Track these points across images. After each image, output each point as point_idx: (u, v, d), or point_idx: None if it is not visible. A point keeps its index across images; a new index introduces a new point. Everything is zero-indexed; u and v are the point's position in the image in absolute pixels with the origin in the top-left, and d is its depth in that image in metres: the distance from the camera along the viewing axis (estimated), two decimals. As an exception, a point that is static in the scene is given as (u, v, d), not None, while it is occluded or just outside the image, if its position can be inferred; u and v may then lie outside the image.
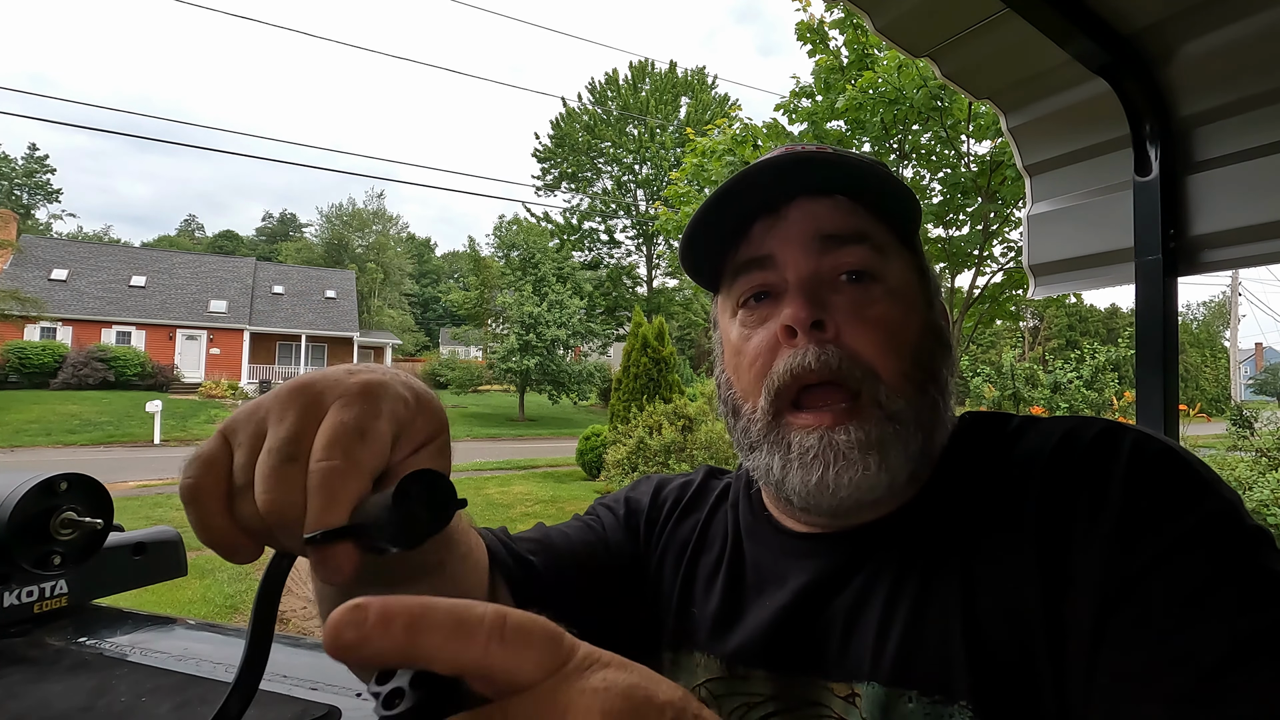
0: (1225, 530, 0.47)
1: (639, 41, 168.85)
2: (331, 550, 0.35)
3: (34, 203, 55.06)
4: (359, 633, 0.23)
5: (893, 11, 1.50)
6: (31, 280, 27.15)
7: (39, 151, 55.42)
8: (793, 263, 0.61)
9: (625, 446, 9.76)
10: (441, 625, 0.23)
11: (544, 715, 0.23)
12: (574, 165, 34.67)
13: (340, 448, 0.36)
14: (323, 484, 0.35)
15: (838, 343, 0.58)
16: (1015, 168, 2.77)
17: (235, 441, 0.38)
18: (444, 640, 0.23)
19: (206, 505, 0.37)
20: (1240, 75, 1.32)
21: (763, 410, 0.61)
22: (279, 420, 0.38)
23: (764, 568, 0.68)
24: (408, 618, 0.23)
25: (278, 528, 0.36)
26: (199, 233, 77.62)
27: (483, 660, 0.23)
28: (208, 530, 0.37)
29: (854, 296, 0.60)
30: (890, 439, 0.57)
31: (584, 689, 0.24)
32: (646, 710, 0.24)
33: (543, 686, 0.24)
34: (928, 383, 0.61)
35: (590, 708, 0.23)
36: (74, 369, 23.61)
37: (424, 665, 0.23)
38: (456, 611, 0.23)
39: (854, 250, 0.60)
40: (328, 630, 0.23)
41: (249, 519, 0.37)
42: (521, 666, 0.24)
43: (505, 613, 0.24)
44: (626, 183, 34.43)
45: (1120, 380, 10.92)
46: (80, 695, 0.63)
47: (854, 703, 0.56)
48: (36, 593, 0.82)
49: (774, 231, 0.62)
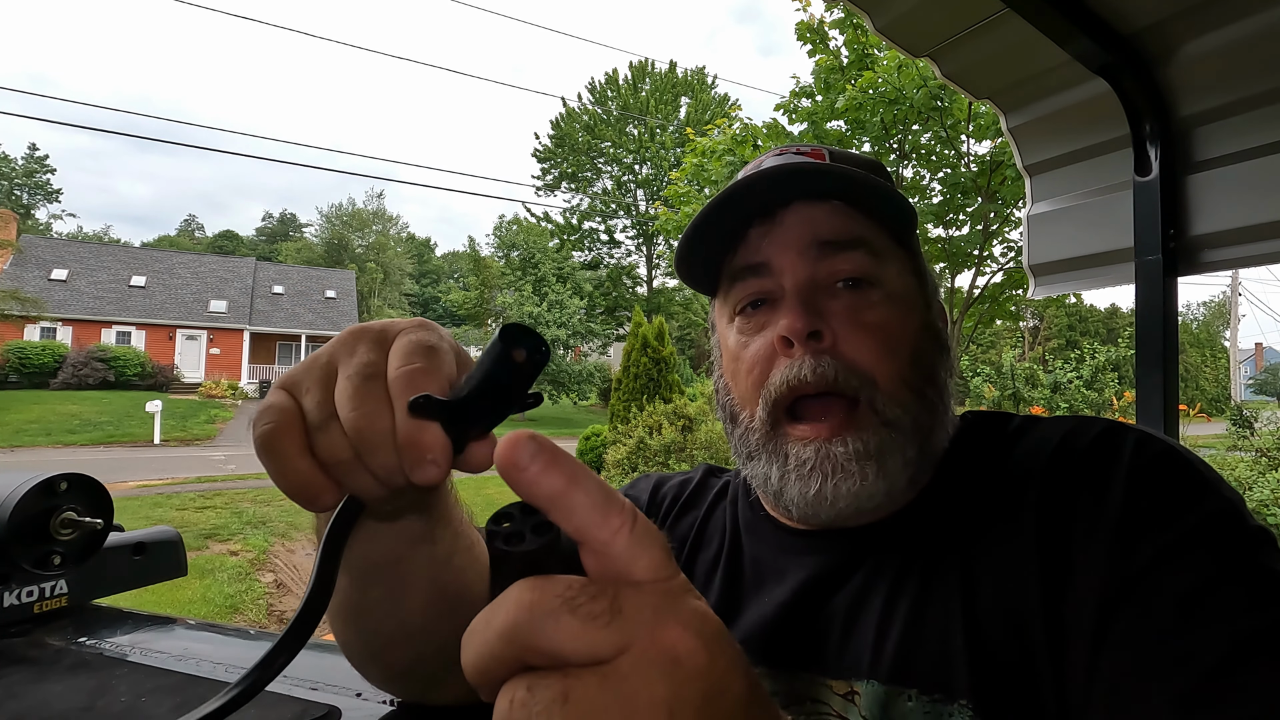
0: (1227, 530, 0.47)
1: (639, 42, 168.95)
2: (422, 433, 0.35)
3: (34, 203, 55.08)
4: (531, 459, 0.25)
5: (893, 11, 1.50)
6: (31, 280, 27.16)
7: (39, 151, 55.47)
8: (789, 270, 0.61)
9: (625, 446, 9.75)
10: (591, 492, 0.25)
11: (648, 609, 0.25)
12: (574, 165, 34.69)
13: (419, 355, 0.37)
14: (408, 383, 0.36)
15: (834, 352, 0.58)
16: (1015, 168, 2.77)
17: (302, 389, 0.38)
18: (589, 505, 0.25)
19: (287, 449, 0.37)
20: (1240, 75, 1.32)
21: (760, 420, 0.61)
22: (349, 354, 0.38)
23: (763, 564, 0.68)
24: (571, 471, 0.25)
25: (366, 448, 0.36)
26: (199, 233, 77.63)
27: (610, 541, 0.25)
28: (290, 474, 0.37)
29: (850, 303, 0.60)
30: (888, 447, 0.57)
31: (685, 606, 0.26)
32: (729, 645, 0.27)
33: (649, 587, 0.26)
34: (925, 387, 0.61)
35: (688, 623, 0.25)
36: (74, 369, 23.61)
37: (558, 519, 0.25)
38: (606, 488, 0.26)
39: (850, 256, 0.60)
40: (505, 444, 0.25)
41: (332, 452, 0.37)
42: (637, 561, 0.26)
43: (637, 510, 0.26)
44: (626, 183, 34.45)
45: (1120, 380, 10.93)
46: (80, 695, 0.63)
47: (853, 700, 0.56)
48: (36, 593, 0.82)
49: (770, 237, 0.62)
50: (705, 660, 0.25)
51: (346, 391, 0.37)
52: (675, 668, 0.24)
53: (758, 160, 0.68)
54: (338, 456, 0.37)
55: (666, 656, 0.24)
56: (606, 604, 0.24)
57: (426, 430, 0.35)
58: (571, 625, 0.24)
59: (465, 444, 0.36)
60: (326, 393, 0.38)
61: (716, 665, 0.25)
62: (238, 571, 6.49)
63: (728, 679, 0.26)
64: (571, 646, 0.24)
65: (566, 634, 0.24)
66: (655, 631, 0.24)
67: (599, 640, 0.24)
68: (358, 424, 0.36)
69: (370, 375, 0.37)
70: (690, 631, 0.25)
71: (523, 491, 0.25)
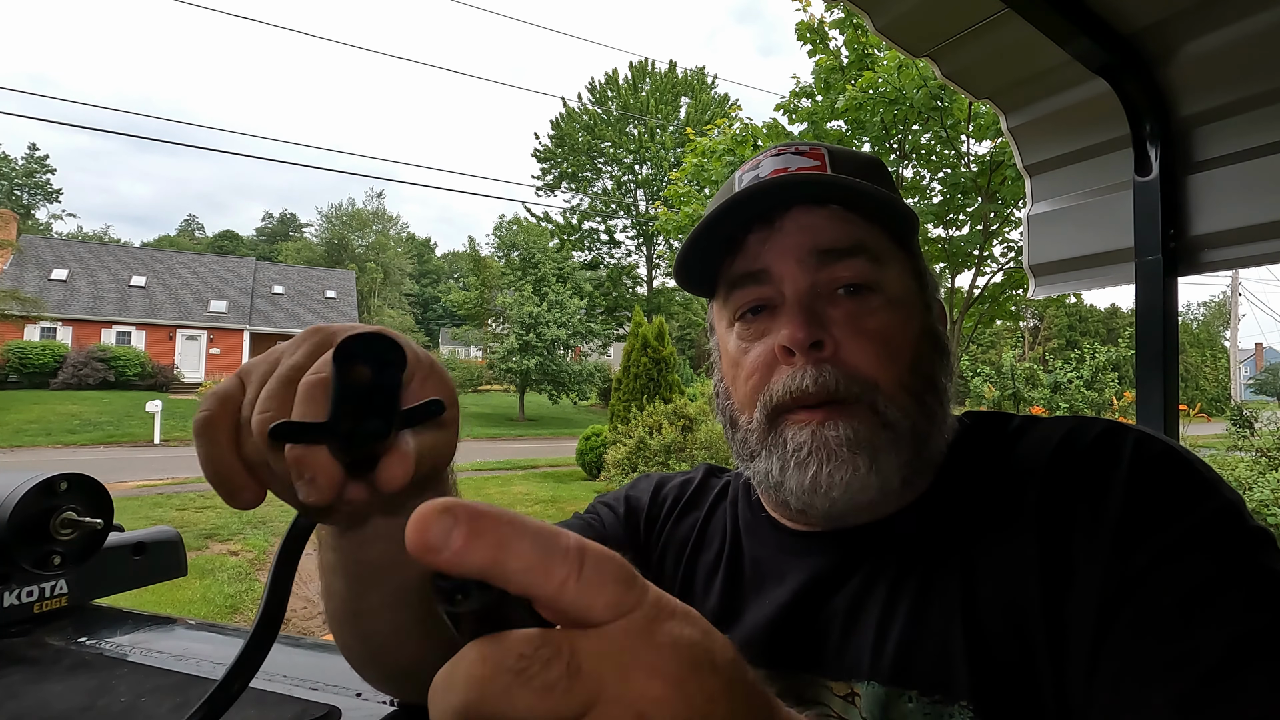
0: (1227, 530, 0.47)
1: (639, 42, 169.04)
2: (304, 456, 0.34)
3: (34, 203, 55.07)
4: (445, 540, 0.22)
5: (893, 11, 1.50)
6: (31, 280, 27.16)
7: (39, 151, 55.47)
8: (790, 278, 0.60)
9: (625, 446, 9.75)
10: (526, 551, 0.23)
11: (609, 659, 0.23)
12: (574, 165, 34.68)
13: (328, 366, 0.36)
14: (304, 392, 0.35)
15: (836, 360, 0.58)
16: (1015, 168, 2.77)
17: (249, 380, 0.38)
18: (526, 566, 0.23)
19: (215, 438, 0.37)
20: (1240, 75, 1.32)
21: (758, 422, 0.61)
22: (291, 354, 0.38)
23: (763, 565, 0.68)
24: (496, 536, 0.22)
25: (270, 454, 0.36)
26: (199, 233, 77.62)
27: (558, 594, 0.23)
28: (213, 463, 0.37)
29: (851, 309, 0.60)
30: (881, 444, 0.57)
31: (650, 642, 0.24)
32: (706, 673, 0.25)
33: (610, 629, 0.24)
34: (925, 393, 0.60)
35: (654, 666, 0.24)
36: (74, 369, 23.60)
37: (499, 585, 0.23)
38: (543, 538, 0.23)
39: (850, 264, 0.60)
40: (414, 524, 0.22)
41: (252, 451, 0.37)
42: (593, 605, 0.24)
43: (585, 548, 0.24)
44: (626, 183, 34.44)
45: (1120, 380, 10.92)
46: (80, 695, 0.63)
47: (853, 702, 0.56)
48: (36, 593, 0.82)
49: (770, 244, 0.61)
50: (677, 705, 0.24)
51: (264, 393, 0.36)
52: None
53: (755, 160, 0.67)
54: (256, 456, 0.37)
55: (634, 713, 0.23)
56: (562, 667, 0.22)
57: (307, 451, 0.34)
58: (526, 698, 0.22)
59: (370, 463, 0.35)
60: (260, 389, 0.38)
61: (688, 704, 0.24)
62: (238, 571, 6.49)
63: (707, 710, 0.25)
64: (531, 714, 0.22)
65: (523, 707, 0.22)
66: (620, 686, 0.23)
67: (560, 707, 0.22)
68: (258, 430, 0.35)
69: (289, 380, 0.37)
70: (657, 678, 0.24)
71: (446, 571, 0.23)
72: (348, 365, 0.33)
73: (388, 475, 0.36)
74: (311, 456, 0.34)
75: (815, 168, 0.64)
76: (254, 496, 0.38)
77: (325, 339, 0.39)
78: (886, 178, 0.68)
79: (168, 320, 29.34)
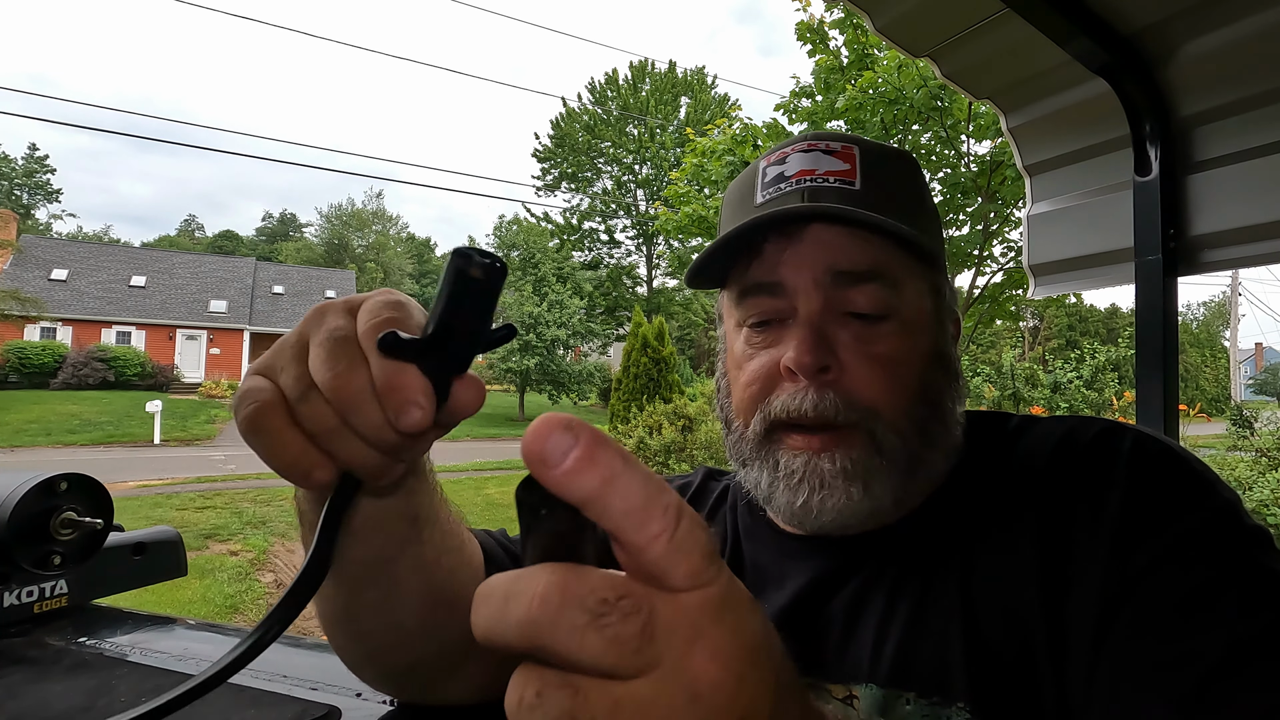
0: (1225, 530, 0.47)
1: (639, 42, 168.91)
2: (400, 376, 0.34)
3: (34, 203, 55.06)
4: (561, 456, 0.22)
5: (893, 11, 1.50)
6: (31, 280, 27.16)
7: (39, 151, 55.46)
8: (804, 295, 0.59)
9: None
10: (631, 494, 0.22)
11: (679, 631, 0.23)
12: (574, 165, 34.67)
13: (386, 309, 0.37)
14: (377, 333, 0.36)
15: (839, 385, 0.57)
16: (1015, 168, 2.77)
17: (277, 369, 0.38)
18: (626, 509, 0.22)
19: (273, 426, 0.36)
20: (1240, 75, 1.32)
21: (754, 432, 0.61)
22: (318, 326, 0.38)
23: (763, 569, 0.68)
24: (611, 468, 0.22)
25: (349, 407, 0.36)
26: (199, 233, 77.58)
27: (648, 545, 0.23)
28: (280, 451, 0.37)
29: (861, 333, 0.59)
30: (875, 471, 0.57)
31: (720, 623, 0.24)
32: (763, 667, 0.25)
33: (686, 599, 0.23)
34: (930, 421, 0.59)
35: (717, 649, 0.23)
36: (74, 369, 23.60)
37: (594, 517, 0.23)
38: (652, 485, 0.23)
39: (866, 289, 0.59)
40: (534, 431, 0.22)
41: (317, 421, 0.36)
42: (676, 568, 0.23)
43: (684, 508, 0.24)
44: (626, 183, 34.43)
45: (1120, 380, 10.92)
46: (80, 695, 0.63)
47: (852, 704, 0.56)
48: (36, 593, 0.82)
49: (787, 256, 0.60)
50: (730, 692, 0.24)
51: (320, 358, 0.36)
52: (695, 703, 0.23)
53: (782, 151, 0.65)
54: (324, 425, 0.36)
55: (689, 691, 0.23)
56: (639, 625, 0.22)
57: (404, 373, 0.35)
58: (596, 644, 0.22)
59: (448, 387, 0.36)
60: (301, 366, 0.37)
61: (742, 694, 0.24)
62: (238, 571, 6.48)
63: (756, 704, 0.25)
64: (591, 663, 0.22)
65: (589, 651, 0.22)
66: (682, 660, 0.23)
67: (621, 663, 0.22)
68: (334, 384, 0.35)
69: (340, 338, 0.37)
70: (718, 662, 0.23)
71: (552, 490, 0.22)
72: (465, 267, 0.33)
73: (464, 399, 0.36)
74: (410, 377, 0.34)
75: (844, 172, 0.61)
76: (328, 471, 0.37)
77: (343, 305, 0.40)
78: (917, 177, 0.66)
79: (168, 320, 29.34)
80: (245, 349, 30.74)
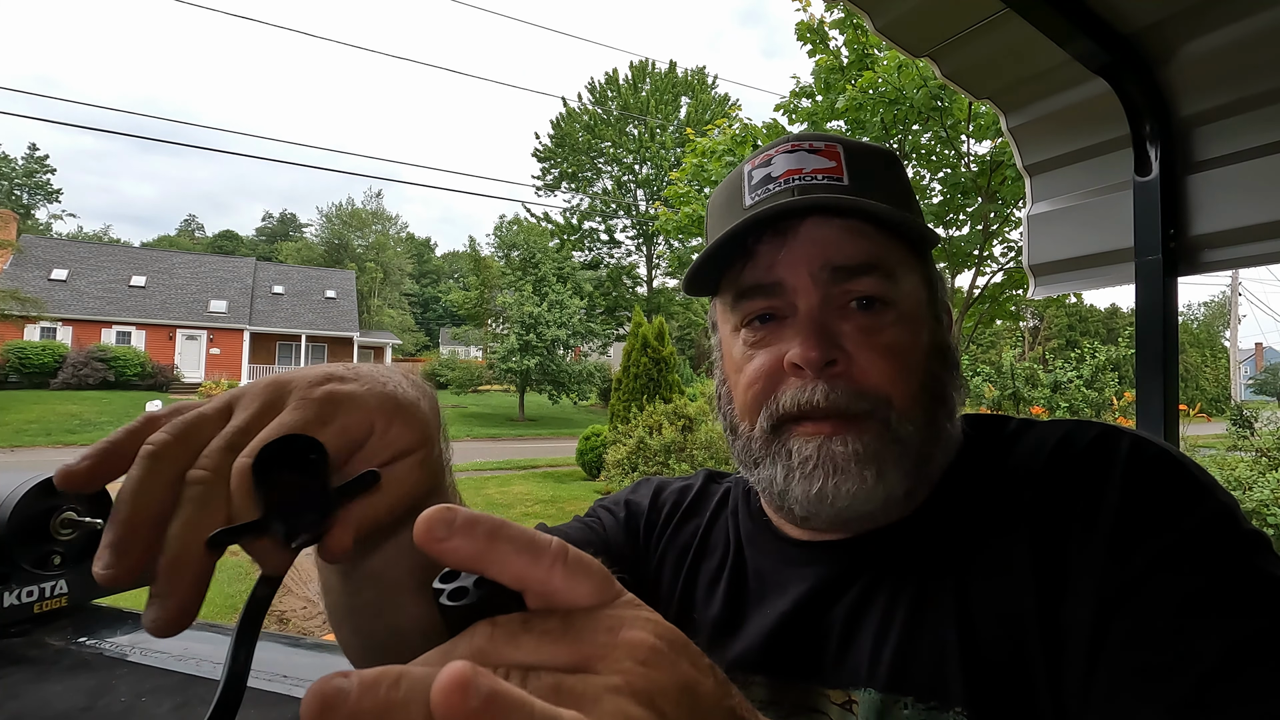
0: (1222, 534, 0.47)
1: (642, 43, 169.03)
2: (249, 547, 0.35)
3: (34, 203, 55.06)
4: (448, 530, 0.25)
5: (893, 11, 1.50)
6: (31, 280, 27.15)
7: (39, 151, 55.46)
8: (803, 292, 0.59)
9: (625, 446, 9.75)
10: (515, 540, 0.26)
11: (603, 626, 0.26)
12: (574, 165, 34.68)
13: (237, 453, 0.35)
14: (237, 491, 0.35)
15: (848, 376, 0.57)
16: (1015, 168, 2.77)
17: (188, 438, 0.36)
18: (515, 553, 0.26)
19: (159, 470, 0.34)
20: (1240, 75, 1.32)
21: (761, 429, 0.61)
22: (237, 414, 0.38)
23: (766, 575, 0.67)
24: (489, 526, 0.26)
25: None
26: (199, 233, 77.61)
27: (545, 579, 0.26)
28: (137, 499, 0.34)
29: (864, 323, 0.59)
30: (888, 456, 0.57)
31: (638, 615, 0.27)
32: (692, 651, 0.28)
33: (597, 610, 0.27)
34: (936, 407, 0.60)
35: (645, 626, 0.26)
36: (74, 369, 23.60)
37: (492, 574, 0.26)
38: (528, 534, 0.26)
39: (863, 281, 0.59)
40: (421, 522, 0.25)
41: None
42: (578, 591, 0.26)
43: (564, 544, 0.27)
44: (626, 183, 34.45)
45: (1120, 380, 10.90)
46: (80, 695, 0.63)
47: (851, 709, 0.56)
48: (36, 593, 0.82)
49: (782, 256, 0.60)
50: (671, 657, 0.26)
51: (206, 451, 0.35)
52: (644, 666, 0.25)
53: (766, 154, 0.65)
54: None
55: (633, 655, 0.25)
56: (557, 621, 0.25)
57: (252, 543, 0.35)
58: (528, 641, 0.25)
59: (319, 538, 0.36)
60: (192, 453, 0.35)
61: (681, 663, 0.26)
62: (238, 571, 6.48)
63: (696, 675, 0.27)
64: (536, 656, 0.25)
65: (528, 648, 0.25)
66: (615, 637, 0.25)
67: (559, 651, 0.25)
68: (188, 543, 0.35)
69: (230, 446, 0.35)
70: (649, 633, 0.26)
71: (448, 560, 0.25)
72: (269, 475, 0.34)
73: (330, 549, 0.37)
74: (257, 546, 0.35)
75: (831, 169, 0.61)
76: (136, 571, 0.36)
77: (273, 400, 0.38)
78: (900, 172, 0.67)
79: (168, 320, 29.34)
80: (245, 349, 30.74)
